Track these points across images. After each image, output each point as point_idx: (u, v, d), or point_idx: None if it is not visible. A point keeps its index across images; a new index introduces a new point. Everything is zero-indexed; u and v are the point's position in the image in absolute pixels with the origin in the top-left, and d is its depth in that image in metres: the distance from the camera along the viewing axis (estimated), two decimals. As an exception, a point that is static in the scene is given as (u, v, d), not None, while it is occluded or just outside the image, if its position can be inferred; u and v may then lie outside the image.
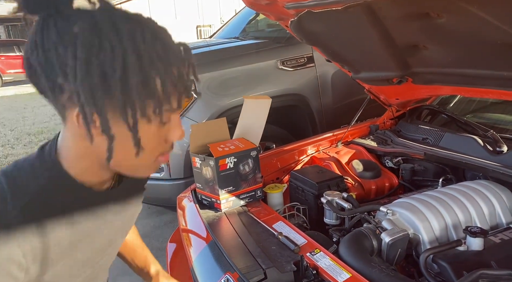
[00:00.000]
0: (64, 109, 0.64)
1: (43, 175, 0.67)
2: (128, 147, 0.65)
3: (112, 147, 0.64)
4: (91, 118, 0.61)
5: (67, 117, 0.65)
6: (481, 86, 1.51)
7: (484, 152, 1.55)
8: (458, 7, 1.07)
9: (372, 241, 1.28)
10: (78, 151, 0.68)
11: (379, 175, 1.83)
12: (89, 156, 0.68)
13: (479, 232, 1.20)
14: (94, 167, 0.71)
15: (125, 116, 0.62)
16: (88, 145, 0.66)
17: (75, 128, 0.65)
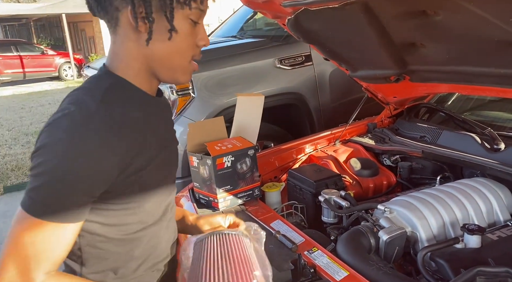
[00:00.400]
0: (117, 11, 0.75)
1: (104, 83, 0.78)
2: (166, 38, 0.76)
3: (152, 29, 0.75)
4: (139, 11, 0.73)
5: (120, 20, 0.76)
6: (479, 84, 1.50)
7: (481, 150, 1.55)
8: (454, 5, 1.07)
9: (370, 239, 1.28)
10: (129, 53, 0.79)
11: (377, 173, 1.83)
12: (138, 57, 0.79)
13: (476, 229, 1.20)
14: (143, 71, 0.81)
15: (164, 5, 0.74)
16: (138, 45, 0.78)
17: (127, 29, 0.77)
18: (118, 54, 0.80)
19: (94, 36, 17.00)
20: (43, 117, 7.60)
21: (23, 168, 4.77)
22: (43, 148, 0.69)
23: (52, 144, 0.69)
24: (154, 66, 0.80)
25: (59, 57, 14.11)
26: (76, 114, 0.70)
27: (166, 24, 0.75)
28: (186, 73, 0.84)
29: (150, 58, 0.79)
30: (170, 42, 0.77)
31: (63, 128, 0.69)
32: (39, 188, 0.68)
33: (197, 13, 0.78)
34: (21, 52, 13.43)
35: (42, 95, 10.59)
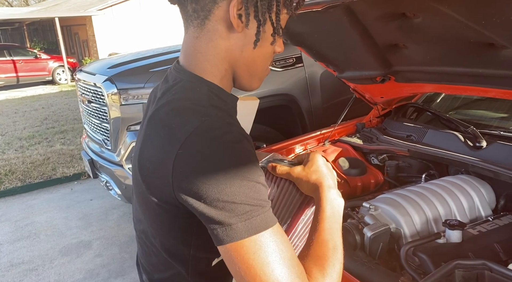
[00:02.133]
0: (214, 3, 0.69)
1: (201, 92, 0.71)
2: (260, 44, 0.72)
3: (259, 32, 0.70)
4: (248, 7, 0.68)
5: (213, 13, 0.69)
6: (460, 83, 1.55)
7: (464, 148, 1.60)
8: (430, 7, 1.11)
9: (355, 236, 1.31)
10: (218, 52, 0.72)
11: (364, 172, 1.87)
12: (227, 58, 0.73)
13: (457, 224, 1.24)
14: (229, 74, 0.75)
15: (271, 7, 0.69)
16: (229, 45, 0.72)
17: (220, 25, 0.70)
18: (204, 53, 0.73)
19: (87, 40, 16.98)
20: (36, 122, 7.59)
21: (16, 173, 4.77)
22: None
23: None
24: (237, 70, 0.75)
25: (52, 61, 14.09)
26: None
27: (269, 27, 0.71)
28: (261, 79, 0.80)
29: (237, 61, 0.74)
30: (260, 46, 0.72)
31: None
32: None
33: (286, 18, 0.75)
34: (14, 56, 13.39)
35: (36, 100, 10.56)
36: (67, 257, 3.03)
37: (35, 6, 28.36)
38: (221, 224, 0.61)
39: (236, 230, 0.61)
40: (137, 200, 0.78)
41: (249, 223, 0.61)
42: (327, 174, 0.80)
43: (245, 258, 0.60)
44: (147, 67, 2.87)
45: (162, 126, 0.66)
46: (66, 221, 3.60)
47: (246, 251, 0.61)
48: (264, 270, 0.60)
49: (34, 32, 21.54)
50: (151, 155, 0.67)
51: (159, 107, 0.70)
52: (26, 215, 3.80)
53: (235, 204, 0.61)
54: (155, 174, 0.66)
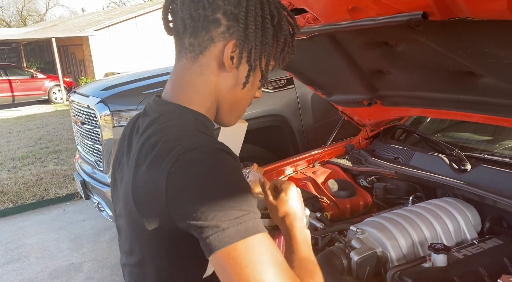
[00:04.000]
0: (211, 41, 0.73)
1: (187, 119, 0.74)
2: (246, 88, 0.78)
3: (249, 75, 0.76)
4: (242, 51, 0.73)
5: (209, 50, 0.74)
6: (444, 108, 1.58)
7: (450, 170, 1.62)
8: (410, 37, 1.15)
9: (342, 260, 1.32)
10: (207, 86, 0.77)
11: (353, 194, 1.88)
12: (213, 93, 0.77)
13: (442, 248, 1.25)
14: (214, 107, 0.79)
15: (262, 55, 0.75)
16: (217, 81, 0.76)
17: (212, 62, 0.75)
18: (194, 85, 0.77)
19: (84, 59, 17.12)
20: (30, 142, 7.58)
21: (8, 194, 4.74)
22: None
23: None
24: (221, 105, 0.80)
25: (48, 80, 14.17)
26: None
27: (258, 73, 0.78)
28: (239, 118, 0.85)
29: (223, 98, 0.78)
30: (246, 89, 0.78)
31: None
32: None
33: (272, 68, 0.81)
34: (10, 76, 13.46)
35: (31, 119, 10.57)
36: (57, 280, 2.99)
37: (32, 26, 28.66)
38: (213, 230, 0.63)
39: (229, 234, 0.62)
40: (130, 231, 0.79)
41: (241, 226, 0.63)
42: (296, 207, 0.85)
43: (238, 261, 0.61)
44: (140, 89, 2.90)
45: (154, 153, 0.68)
46: (57, 243, 3.57)
47: (239, 253, 0.62)
48: (258, 271, 0.61)
49: (31, 52, 21.70)
50: (145, 179, 0.69)
51: (148, 136, 0.72)
52: (17, 237, 3.76)
53: (227, 211, 0.63)
54: (149, 198, 0.68)
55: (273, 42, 0.77)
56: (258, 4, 0.73)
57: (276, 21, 0.75)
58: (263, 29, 0.74)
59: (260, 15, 0.73)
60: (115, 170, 0.85)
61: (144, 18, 17.09)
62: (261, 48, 0.74)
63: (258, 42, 0.73)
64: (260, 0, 0.74)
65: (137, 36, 16.78)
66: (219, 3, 0.71)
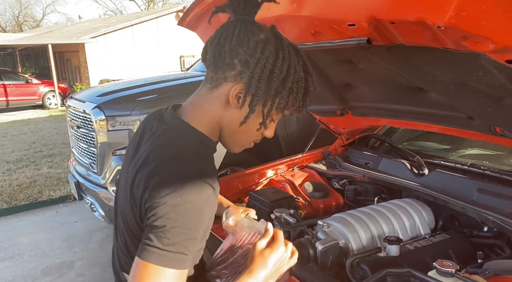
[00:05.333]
0: (224, 80, 0.88)
1: (191, 140, 0.89)
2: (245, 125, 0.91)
3: (249, 117, 0.88)
4: (246, 94, 0.86)
5: (222, 86, 0.89)
6: (405, 119, 1.78)
7: (410, 174, 1.82)
8: (367, 57, 1.35)
9: (309, 250, 1.49)
10: (214, 114, 0.91)
11: (327, 195, 2.06)
12: (218, 121, 0.92)
13: (395, 240, 1.44)
14: (217, 130, 0.94)
15: (266, 104, 0.88)
16: (223, 112, 0.91)
17: (222, 96, 0.89)
18: (205, 111, 0.91)
19: (79, 66, 17.26)
20: (24, 145, 7.68)
21: (2, 195, 4.85)
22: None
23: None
24: (222, 133, 0.94)
25: (43, 86, 14.29)
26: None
27: (259, 117, 0.90)
28: (242, 148, 0.98)
29: (225, 127, 0.93)
30: (246, 127, 0.91)
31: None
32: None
33: (280, 116, 0.94)
34: (5, 80, 13.56)
35: (25, 124, 10.66)
36: (49, 276, 3.12)
37: (28, 32, 28.76)
38: (148, 242, 0.77)
39: (153, 253, 0.76)
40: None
41: (165, 255, 0.76)
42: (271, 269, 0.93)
43: (142, 278, 0.76)
44: (134, 96, 3.08)
45: (150, 167, 0.83)
46: (50, 242, 3.69)
47: (146, 273, 0.76)
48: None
49: (27, 58, 21.81)
50: (136, 184, 0.85)
51: (155, 148, 0.87)
52: (11, 236, 3.87)
53: (168, 238, 0.77)
54: (132, 201, 0.86)
55: (277, 95, 0.87)
56: (271, 58, 0.85)
57: (283, 76, 0.86)
58: (269, 81, 0.85)
59: (269, 69, 0.85)
60: (125, 166, 1.00)
61: (141, 26, 17.34)
62: (263, 97, 0.87)
63: (260, 91, 0.86)
64: (276, 54, 0.85)
65: (133, 44, 17.00)
66: (239, 50, 0.85)
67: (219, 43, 0.86)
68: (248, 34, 0.85)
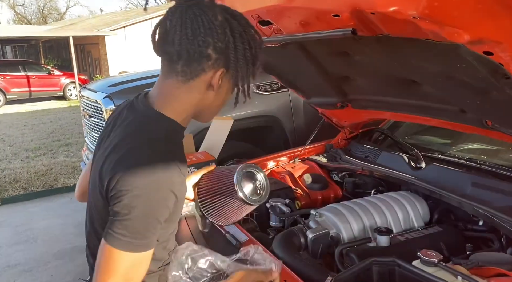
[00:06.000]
0: (202, 71, 0.90)
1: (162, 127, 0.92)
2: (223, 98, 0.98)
3: (228, 92, 0.97)
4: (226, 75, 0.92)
5: (199, 77, 0.91)
6: (404, 112, 1.78)
7: (407, 167, 1.82)
8: (360, 48, 1.36)
9: (300, 238, 1.52)
10: (191, 101, 0.94)
11: (326, 187, 2.08)
12: (196, 105, 0.95)
13: (385, 231, 1.45)
14: (189, 117, 0.97)
15: (244, 76, 0.93)
16: (203, 97, 0.94)
17: (201, 85, 0.91)
18: (180, 100, 0.93)
19: (99, 58, 17.58)
20: (43, 134, 7.92)
21: (20, 181, 5.04)
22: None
23: None
24: (204, 112, 0.98)
25: (64, 77, 14.62)
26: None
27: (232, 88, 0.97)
28: (214, 115, 1.04)
29: (204, 108, 0.97)
30: (225, 95, 0.97)
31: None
32: None
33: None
34: (28, 72, 13.93)
35: (45, 114, 10.96)
36: (61, 260, 3.24)
37: (52, 24, 29.40)
38: (114, 228, 0.81)
39: (119, 240, 0.80)
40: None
41: (131, 242, 0.80)
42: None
43: (109, 261, 0.81)
44: (142, 86, 3.15)
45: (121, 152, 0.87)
46: (62, 228, 3.82)
47: (112, 257, 0.80)
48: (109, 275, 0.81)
49: (49, 49, 22.32)
50: (105, 170, 0.87)
51: (125, 135, 0.90)
52: (26, 221, 4.03)
53: (134, 226, 0.80)
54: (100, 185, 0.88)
55: (253, 64, 0.94)
56: (238, 38, 0.89)
57: (254, 50, 0.93)
58: (244, 57, 0.91)
59: (242, 48, 0.89)
60: (97, 149, 1.04)
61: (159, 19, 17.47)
62: (241, 72, 0.92)
63: (240, 69, 0.91)
64: (240, 33, 0.89)
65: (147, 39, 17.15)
66: (209, 40, 0.87)
67: (187, 37, 0.87)
68: (212, 21, 0.87)
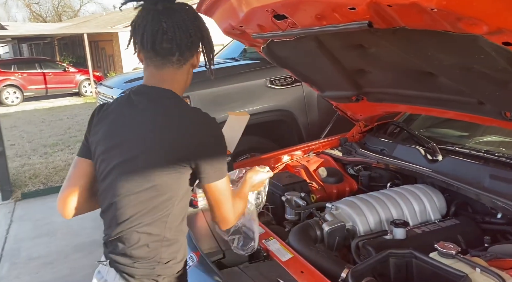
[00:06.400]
0: (191, 56, 1.13)
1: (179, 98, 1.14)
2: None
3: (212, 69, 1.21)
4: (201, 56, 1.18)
5: (188, 61, 1.13)
6: (419, 105, 1.77)
7: (424, 160, 1.81)
8: (376, 41, 1.35)
9: (316, 231, 1.54)
10: (184, 80, 1.16)
11: (341, 181, 2.08)
12: (185, 83, 1.17)
13: (401, 223, 1.46)
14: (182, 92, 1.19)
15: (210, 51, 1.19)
16: (187, 75, 1.16)
17: (189, 66, 1.14)
18: (178, 82, 1.15)
19: (113, 55, 17.74)
20: (60, 131, 8.06)
21: (39, 176, 5.15)
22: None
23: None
24: (186, 87, 1.19)
25: (79, 74, 14.80)
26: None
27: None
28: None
29: (188, 82, 1.18)
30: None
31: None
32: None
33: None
34: (44, 69, 14.15)
35: (62, 110, 11.15)
36: (80, 253, 3.31)
37: (66, 22, 29.78)
38: (208, 170, 1.08)
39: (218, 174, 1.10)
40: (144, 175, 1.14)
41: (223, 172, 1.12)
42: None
43: (220, 192, 1.10)
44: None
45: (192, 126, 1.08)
46: (81, 222, 3.89)
47: (218, 188, 1.10)
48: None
49: (64, 47, 22.63)
50: (182, 131, 1.07)
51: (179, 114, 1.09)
52: (46, 215, 4.12)
53: (220, 163, 1.11)
54: (179, 153, 1.08)
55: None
56: (203, 26, 1.14)
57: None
58: (208, 40, 1.17)
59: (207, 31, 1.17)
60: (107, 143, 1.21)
61: (172, 15, 17.52)
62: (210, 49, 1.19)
63: (210, 48, 1.18)
64: (203, 23, 1.16)
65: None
66: (198, 34, 1.12)
67: (183, 33, 1.08)
68: (188, 18, 1.10)
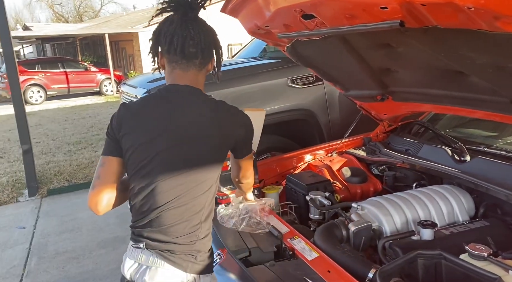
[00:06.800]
0: (210, 60, 1.27)
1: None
2: None
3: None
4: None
5: (207, 65, 1.26)
6: (447, 104, 1.74)
7: (451, 161, 1.78)
8: (405, 41, 1.34)
9: (342, 231, 1.53)
10: (203, 82, 1.27)
11: (365, 181, 2.07)
12: (203, 85, 1.28)
13: (429, 224, 1.44)
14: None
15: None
16: (204, 78, 1.27)
17: (206, 69, 1.27)
18: (201, 83, 1.27)
19: (133, 54, 18.00)
20: (83, 129, 8.24)
21: (64, 174, 5.28)
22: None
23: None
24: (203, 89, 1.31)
25: (100, 73, 15.09)
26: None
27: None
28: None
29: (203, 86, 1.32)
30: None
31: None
32: None
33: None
34: (66, 68, 14.49)
35: (84, 109, 11.39)
36: (104, 249, 3.39)
37: (87, 22, 30.36)
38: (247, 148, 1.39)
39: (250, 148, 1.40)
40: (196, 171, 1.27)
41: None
42: None
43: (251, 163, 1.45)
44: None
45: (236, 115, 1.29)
46: (105, 218, 3.98)
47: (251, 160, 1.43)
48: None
49: (86, 47, 23.08)
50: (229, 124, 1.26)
51: (223, 108, 1.25)
52: (71, 212, 4.23)
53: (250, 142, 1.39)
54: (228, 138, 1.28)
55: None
56: (216, 35, 1.29)
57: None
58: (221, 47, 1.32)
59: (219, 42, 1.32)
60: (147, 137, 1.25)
61: (191, 15, 17.64)
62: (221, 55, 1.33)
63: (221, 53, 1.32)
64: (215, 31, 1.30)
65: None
66: (215, 42, 1.28)
67: (207, 39, 1.23)
68: (208, 27, 1.26)
